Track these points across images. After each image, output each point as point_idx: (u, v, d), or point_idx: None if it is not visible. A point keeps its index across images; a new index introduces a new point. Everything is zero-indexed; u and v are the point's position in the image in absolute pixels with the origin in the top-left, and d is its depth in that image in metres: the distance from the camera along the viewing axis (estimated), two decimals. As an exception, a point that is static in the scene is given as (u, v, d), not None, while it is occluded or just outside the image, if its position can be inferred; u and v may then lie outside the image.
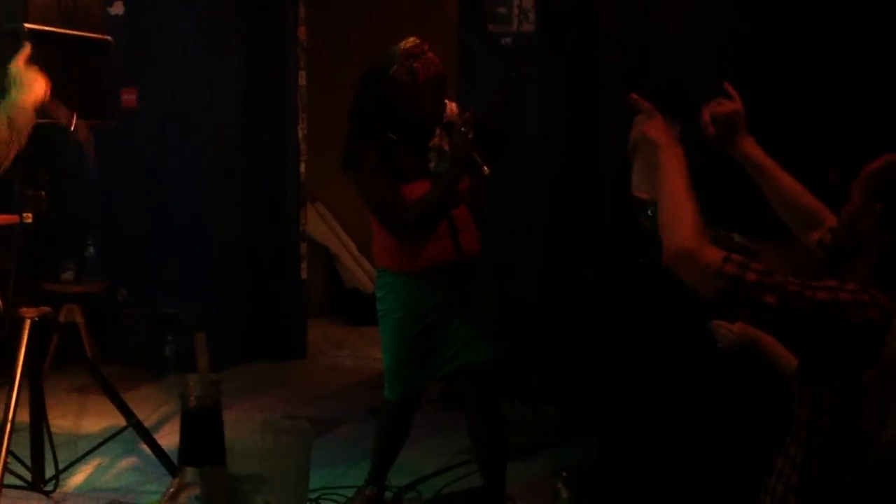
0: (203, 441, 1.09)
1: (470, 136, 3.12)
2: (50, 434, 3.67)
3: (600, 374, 4.39)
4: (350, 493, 3.80)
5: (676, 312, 4.31)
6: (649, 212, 4.37)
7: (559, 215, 5.06)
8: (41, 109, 2.91)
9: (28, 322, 3.45)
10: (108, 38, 3.59)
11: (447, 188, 3.20)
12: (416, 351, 3.40)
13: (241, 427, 3.25)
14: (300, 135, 6.28)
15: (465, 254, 3.35)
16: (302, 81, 6.27)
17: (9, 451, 3.32)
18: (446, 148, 3.25)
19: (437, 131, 3.31)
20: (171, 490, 1.08)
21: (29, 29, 3.21)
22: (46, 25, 3.31)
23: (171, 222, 5.97)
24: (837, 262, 1.99)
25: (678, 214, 1.98)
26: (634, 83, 4.76)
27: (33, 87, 2.91)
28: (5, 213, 3.62)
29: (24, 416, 3.56)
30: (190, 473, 1.08)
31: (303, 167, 6.33)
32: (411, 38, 3.29)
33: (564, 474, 1.31)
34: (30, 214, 3.46)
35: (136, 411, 3.75)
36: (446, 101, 3.33)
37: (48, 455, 3.70)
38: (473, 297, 3.40)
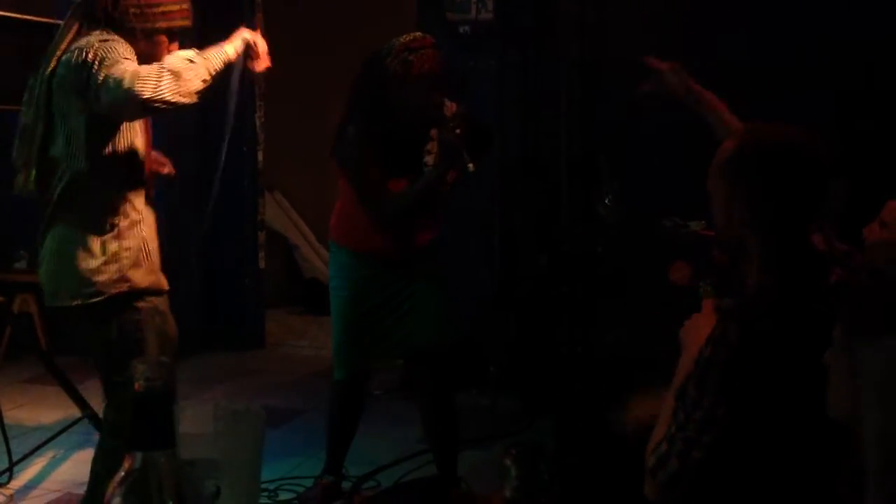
0: (153, 425, 1.08)
1: (458, 131, 3.14)
2: (3, 425, 3.63)
3: (557, 361, 4.41)
4: (309, 483, 3.79)
5: (631, 299, 4.36)
6: (606, 200, 4.41)
7: (515, 203, 5.07)
8: None
9: (-21, 312, 3.40)
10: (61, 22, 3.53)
11: (433, 181, 3.23)
12: (361, 330, 3.43)
13: (195, 414, 3.24)
14: (258, 123, 6.24)
15: (416, 245, 3.39)
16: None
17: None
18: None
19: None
20: (121, 475, 1.07)
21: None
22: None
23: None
24: (733, 257, 1.99)
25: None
26: (591, 70, 4.79)
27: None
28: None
29: (-24, 408, 3.52)
30: (138, 458, 1.07)
31: (260, 155, 6.29)
32: (416, 33, 3.30)
33: (514, 452, 1.31)
34: (-20, 203, 3.42)
35: (91, 403, 3.70)
36: (446, 100, 3.34)
37: (1, 447, 3.66)
38: (424, 282, 3.43)
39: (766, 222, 1.88)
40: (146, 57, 2.74)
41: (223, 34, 2.94)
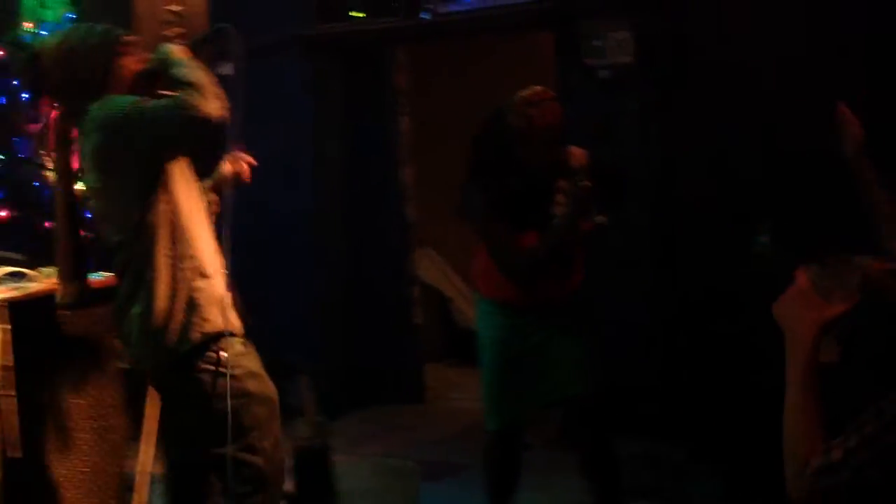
0: (314, 482, 1.12)
1: (585, 183, 3.14)
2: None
3: (720, 404, 4.29)
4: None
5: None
6: (763, 237, 4.29)
7: (668, 243, 5.00)
8: None
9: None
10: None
11: (562, 234, 3.22)
12: (509, 378, 3.42)
13: (353, 470, 3.31)
14: (406, 180, 6.36)
15: (557, 293, 3.37)
16: (404, 126, 6.36)
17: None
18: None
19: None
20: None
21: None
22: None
23: (281, 272, 6.10)
24: None
25: (788, 451, 1.76)
26: (730, 110, 4.71)
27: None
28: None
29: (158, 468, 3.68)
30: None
31: (410, 211, 6.40)
32: (536, 87, 3.33)
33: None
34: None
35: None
36: (573, 148, 3.35)
37: None
38: (570, 330, 3.40)
39: None
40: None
41: (372, 95, 3.03)
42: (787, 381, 1.76)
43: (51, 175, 3.30)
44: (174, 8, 3.55)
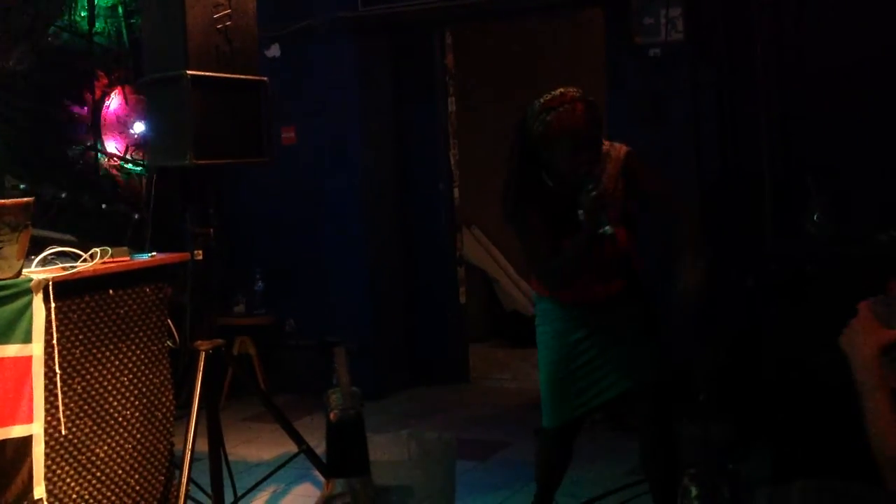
0: (347, 452, 1.11)
1: (593, 193, 3.08)
2: (228, 462, 3.80)
3: (770, 387, 4.23)
4: (518, 515, 3.78)
5: (845, 320, 4.12)
6: (815, 217, 4.21)
7: (718, 225, 4.92)
8: None
9: (203, 354, 3.59)
10: (265, 78, 3.72)
11: (582, 245, 3.17)
12: (568, 380, 3.38)
13: (391, 443, 3.31)
14: (452, 160, 6.36)
15: (608, 297, 3.33)
16: (451, 108, 6.35)
17: (190, 480, 3.45)
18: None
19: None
20: (321, 501, 1.10)
21: (190, 75, 3.37)
22: (206, 71, 3.46)
23: (331, 252, 6.14)
24: None
25: (876, 449, 1.83)
26: (792, 85, 4.61)
27: None
28: (178, 251, 3.79)
29: (203, 446, 3.71)
30: (338, 485, 1.10)
31: (456, 192, 6.40)
32: (560, 90, 3.25)
33: (693, 472, 1.26)
34: (200, 252, 3.62)
35: (306, 438, 3.82)
36: (615, 145, 3.29)
37: (227, 482, 3.84)
38: (628, 326, 3.35)
39: None
40: None
41: (420, 76, 3.03)
42: (858, 395, 1.83)
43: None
44: (223, -8, 3.55)
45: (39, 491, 3.08)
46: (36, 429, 3.09)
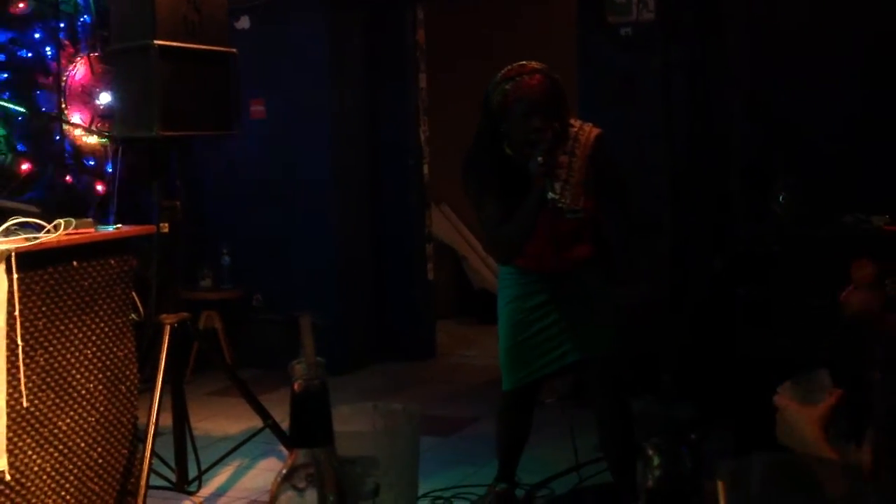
0: (311, 422, 1.10)
1: (539, 157, 3.09)
2: (192, 436, 3.79)
3: (733, 366, 4.27)
4: (482, 491, 3.80)
5: (810, 300, 4.17)
6: (780, 198, 4.24)
7: (686, 205, 4.95)
8: None
9: (168, 328, 3.57)
10: (234, 50, 3.68)
11: (528, 211, 3.17)
12: (524, 345, 3.44)
13: (355, 415, 3.30)
14: (422, 137, 6.34)
15: (565, 266, 3.36)
16: (422, 84, 6.33)
17: (153, 454, 3.44)
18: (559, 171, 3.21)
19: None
20: (284, 471, 1.10)
21: (158, 45, 3.33)
22: (174, 41, 3.41)
23: (300, 227, 6.11)
24: None
25: None
26: (762, 66, 4.63)
27: None
28: (143, 223, 3.76)
29: (167, 420, 3.69)
30: (301, 455, 1.09)
31: (426, 169, 6.38)
32: (522, 62, 3.26)
33: (655, 441, 1.26)
34: (166, 224, 3.59)
35: (272, 413, 3.83)
36: (584, 125, 3.30)
37: (191, 456, 3.83)
38: (584, 296, 3.39)
39: None
40: None
41: (391, 52, 3.02)
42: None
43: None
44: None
45: (1, 463, 3.04)
46: (-3, 401, 3.05)
